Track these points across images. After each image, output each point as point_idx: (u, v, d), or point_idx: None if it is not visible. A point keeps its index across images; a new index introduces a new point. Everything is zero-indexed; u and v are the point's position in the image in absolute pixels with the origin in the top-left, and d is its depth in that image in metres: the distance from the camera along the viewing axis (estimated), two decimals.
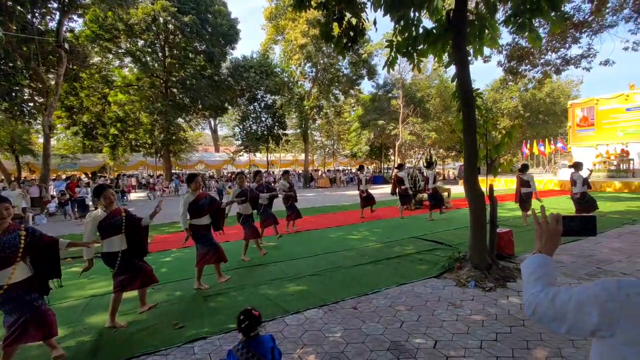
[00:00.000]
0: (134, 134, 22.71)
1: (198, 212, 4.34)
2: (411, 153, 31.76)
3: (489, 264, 4.51)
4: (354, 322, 3.36)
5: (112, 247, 3.48)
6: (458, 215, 9.47)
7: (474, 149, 4.65)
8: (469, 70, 4.76)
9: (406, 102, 23.53)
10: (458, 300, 3.79)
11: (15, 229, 2.71)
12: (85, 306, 4.00)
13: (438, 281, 4.42)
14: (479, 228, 4.58)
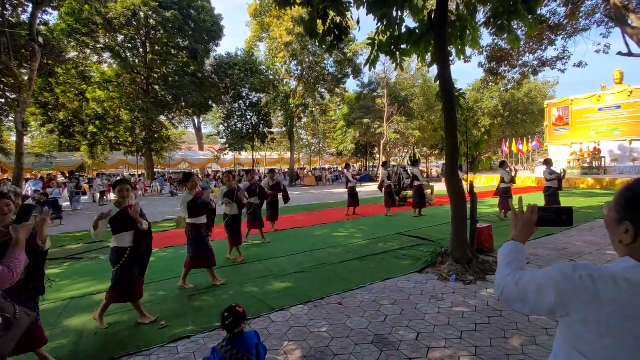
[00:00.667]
0: (114, 131, 22.06)
1: (197, 211, 4.33)
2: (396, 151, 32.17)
3: (470, 258, 4.65)
4: (339, 317, 3.40)
5: (122, 243, 3.45)
6: (440, 212, 9.68)
7: (455, 147, 4.79)
8: (450, 71, 4.89)
9: (391, 101, 23.80)
10: (440, 294, 3.89)
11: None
12: (63, 309, 3.89)
13: (421, 276, 4.52)
14: (460, 224, 4.72)
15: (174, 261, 5.49)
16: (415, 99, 25.35)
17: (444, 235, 6.50)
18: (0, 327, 1.46)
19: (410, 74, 28.16)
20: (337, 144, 29.29)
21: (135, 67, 20.89)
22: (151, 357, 2.84)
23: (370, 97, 26.94)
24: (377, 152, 32.53)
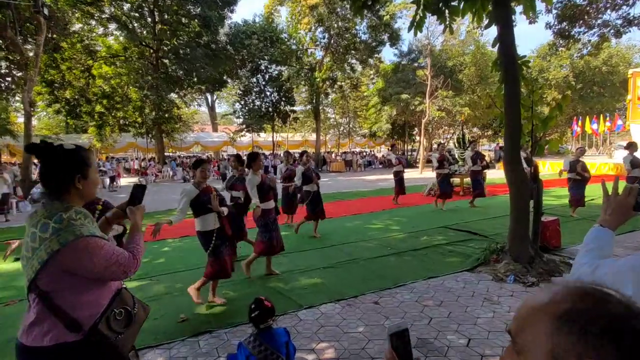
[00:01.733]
0: (122, 111, 23.07)
1: (265, 195, 4.49)
2: (439, 132, 31.34)
3: (532, 256, 4.52)
4: (375, 318, 3.45)
5: (207, 225, 3.74)
6: (495, 203, 9.45)
7: (517, 125, 4.61)
8: (514, 32, 4.65)
9: (435, 73, 23.03)
10: (495, 296, 3.83)
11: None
12: None
13: (472, 275, 4.47)
14: (521, 216, 4.58)
15: (190, 252, 5.75)
16: (464, 70, 24.39)
17: (499, 229, 6.37)
18: (121, 322, 1.51)
19: (460, 38, 27.04)
20: (369, 123, 28.96)
21: (143, 39, 21.55)
22: (171, 351, 3.03)
23: (410, 69, 26.23)
24: (416, 134, 31.87)
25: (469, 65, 24.37)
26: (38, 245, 1.36)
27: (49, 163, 1.48)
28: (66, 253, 1.35)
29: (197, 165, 3.78)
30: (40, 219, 1.40)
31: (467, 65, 24.54)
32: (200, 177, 3.75)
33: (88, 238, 1.40)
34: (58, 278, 1.38)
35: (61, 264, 1.36)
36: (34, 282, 1.38)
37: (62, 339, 1.36)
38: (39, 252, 1.36)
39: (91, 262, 1.38)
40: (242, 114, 26.31)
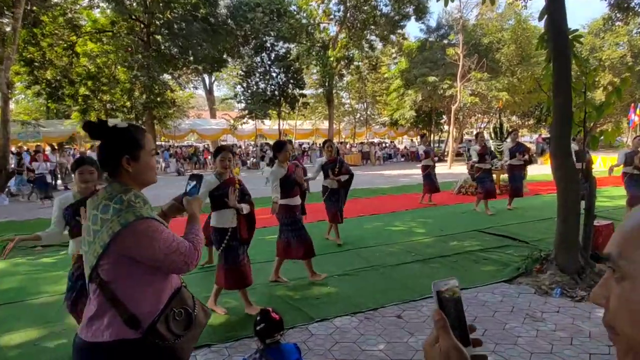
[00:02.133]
0: (109, 94, 23.35)
1: (290, 189, 4.53)
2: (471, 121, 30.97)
3: (582, 266, 4.46)
4: (398, 334, 3.45)
5: (223, 222, 3.80)
6: (538, 204, 9.34)
7: (567, 112, 4.52)
8: (565, 4, 4.55)
9: (468, 51, 22.70)
10: (538, 312, 3.80)
11: None
12: (62, 304, 4.26)
13: (510, 287, 4.44)
14: (570, 219, 4.51)
15: None
16: (503, 48, 23.98)
17: (543, 234, 6.29)
18: (180, 323, 1.55)
19: (497, 11, 26.55)
20: (390, 110, 28.77)
21: (132, 11, 21.72)
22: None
23: (438, 47, 25.93)
24: (445, 122, 31.56)
25: (508, 43, 23.94)
26: (100, 227, 1.44)
27: (102, 143, 1.57)
28: (126, 234, 1.42)
29: (217, 153, 3.84)
30: (101, 200, 1.49)
31: (505, 43, 24.11)
32: (221, 167, 3.79)
33: (148, 220, 1.47)
34: (118, 264, 1.45)
35: (121, 247, 1.43)
36: (95, 270, 1.45)
37: (122, 335, 1.43)
38: (100, 234, 1.43)
39: (151, 246, 1.45)
40: (244, 98, 26.40)
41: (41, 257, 6.11)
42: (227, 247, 3.80)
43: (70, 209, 3.12)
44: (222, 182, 3.77)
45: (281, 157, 4.54)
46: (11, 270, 5.52)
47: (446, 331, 0.68)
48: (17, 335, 3.59)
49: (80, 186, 3.21)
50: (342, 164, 6.15)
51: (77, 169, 3.16)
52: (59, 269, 5.48)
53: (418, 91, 24.30)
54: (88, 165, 3.13)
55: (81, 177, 3.14)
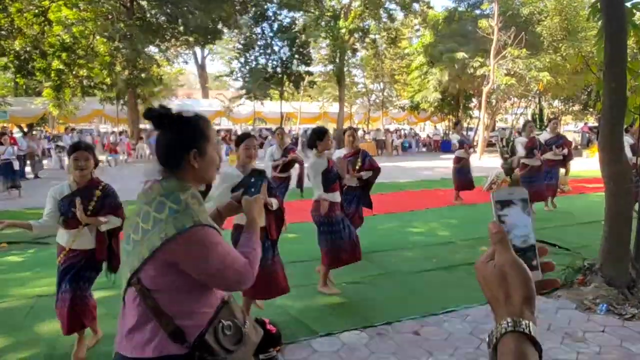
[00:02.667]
0: (86, 68, 23.43)
1: (332, 184, 4.50)
2: (506, 105, 30.66)
3: (633, 279, 4.44)
4: (415, 353, 3.45)
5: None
6: (582, 204, 9.29)
7: (620, 97, 4.43)
8: None
9: (504, 24, 22.40)
10: (579, 331, 3.78)
11: None
12: (29, 309, 4.34)
13: (547, 301, 4.40)
14: (620, 224, 4.46)
15: None
16: (545, 20, 23.62)
17: (587, 240, 6.23)
18: (230, 338, 1.56)
19: None
20: (411, 92, 28.61)
21: None
22: None
23: (469, 18, 25.62)
24: (475, 107, 31.31)
25: (551, 14, 23.54)
26: (151, 227, 1.43)
27: (164, 133, 1.58)
28: (180, 241, 1.41)
29: (241, 141, 3.77)
30: (156, 196, 1.49)
31: (548, 14, 23.72)
32: (245, 157, 3.71)
33: (206, 228, 1.46)
34: (163, 272, 1.45)
35: (170, 254, 1.42)
36: (136, 274, 1.45)
37: (166, 351, 1.43)
38: (150, 235, 1.43)
39: (205, 259, 1.44)
40: (242, 75, 26.37)
41: (7, 254, 6.17)
42: None
43: (67, 200, 3.24)
44: (247, 174, 3.69)
45: (322, 146, 4.50)
46: None
47: (505, 245, 0.67)
48: None
49: (75, 174, 3.30)
50: (366, 158, 5.88)
51: (72, 154, 3.27)
52: (27, 269, 5.54)
53: (444, 70, 24.07)
54: (84, 151, 3.26)
55: (76, 164, 3.25)
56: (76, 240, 3.31)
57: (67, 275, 3.31)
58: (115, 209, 3.39)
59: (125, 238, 1.54)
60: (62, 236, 3.35)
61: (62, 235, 3.35)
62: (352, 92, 34.14)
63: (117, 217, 3.38)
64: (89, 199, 3.29)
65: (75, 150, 3.27)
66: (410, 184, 13.05)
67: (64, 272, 3.32)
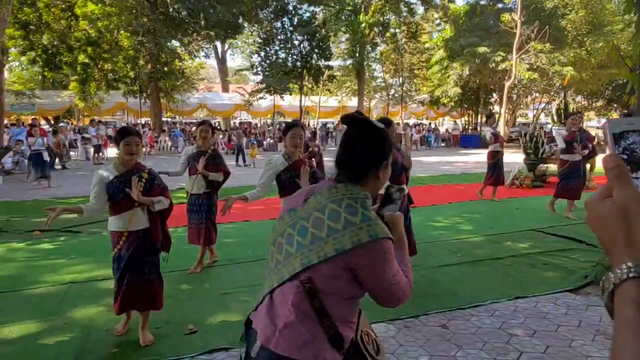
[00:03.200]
0: (111, 62, 23.79)
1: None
2: (527, 100, 30.15)
3: None
4: (443, 347, 3.43)
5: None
6: None
7: None
8: None
9: (527, 17, 21.95)
10: (611, 328, 3.67)
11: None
12: (63, 295, 4.43)
13: (576, 298, 4.35)
14: None
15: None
16: (570, 14, 23.08)
17: None
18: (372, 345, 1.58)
19: None
20: (431, 86, 28.30)
21: None
22: None
23: (491, 12, 25.19)
24: (495, 102, 30.85)
25: (576, 8, 23.01)
26: (341, 227, 1.42)
27: (360, 140, 1.58)
28: (370, 249, 1.41)
29: (288, 129, 3.86)
30: (343, 198, 1.48)
31: (573, 8, 23.17)
32: (291, 146, 3.79)
33: (390, 242, 1.47)
34: (338, 276, 1.44)
35: (354, 260, 1.42)
36: (307, 271, 1.43)
37: (322, 356, 1.40)
38: (340, 236, 1.41)
39: (384, 271, 1.45)
40: (262, 69, 26.39)
41: (40, 242, 6.31)
42: None
43: (117, 182, 3.29)
44: (292, 163, 3.78)
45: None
46: (7, 256, 5.72)
47: (625, 180, 0.60)
48: (15, 328, 3.72)
49: (124, 158, 3.36)
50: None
51: (122, 140, 3.31)
52: (60, 256, 5.66)
53: (465, 64, 23.72)
54: (134, 136, 3.33)
55: (127, 149, 3.30)
56: (132, 222, 3.36)
57: (131, 262, 3.38)
58: (163, 190, 3.47)
59: (297, 229, 1.50)
60: (115, 223, 3.39)
61: (115, 222, 3.39)
62: (371, 86, 33.96)
63: (167, 198, 3.46)
64: (138, 181, 3.34)
65: (126, 136, 3.32)
66: (431, 179, 12.93)
67: (129, 259, 3.37)
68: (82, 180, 12.66)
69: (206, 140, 5.00)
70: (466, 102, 29.47)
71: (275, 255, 1.53)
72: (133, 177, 3.29)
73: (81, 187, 11.49)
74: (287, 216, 1.56)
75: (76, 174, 14.20)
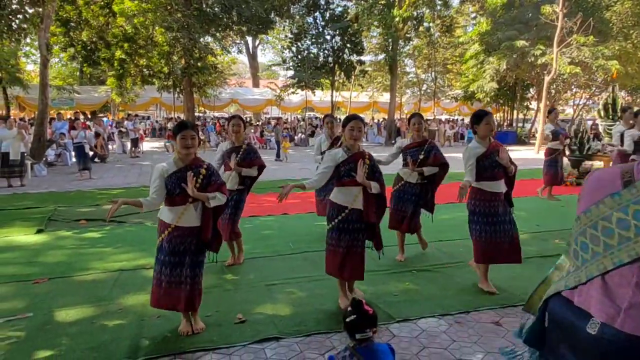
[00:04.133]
0: (146, 58, 24.29)
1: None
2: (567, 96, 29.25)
3: None
4: (497, 343, 3.36)
5: (343, 200, 3.85)
6: None
7: None
8: None
9: (570, 9, 21.21)
10: None
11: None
12: (114, 282, 4.56)
13: None
14: None
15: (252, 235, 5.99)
16: (615, 5, 22.25)
17: None
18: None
19: None
20: (465, 81, 27.76)
21: None
22: (232, 357, 3.18)
23: (531, 4, 24.46)
24: (532, 97, 30.05)
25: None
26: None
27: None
28: None
29: (347, 122, 3.87)
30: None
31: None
32: (350, 139, 3.81)
33: None
34: None
35: None
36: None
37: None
38: None
39: None
40: (293, 64, 26.45)
41: (87, 231, 6.51)
42: (339, 227, 3.79)
43: (175, 177, 3.33)
44: (351, 155, 3.79)
45: (481, 130, 4.24)
46: (57, 244, 5.93)
47: None
48: (72, 312, 3.85)
49: (181, 152, 3.38)
50: (432, 151, 5.09)
51: (179, 134, 3.33)
52: (107, 245, 5.84)
53: (502, 58, 23.14)
54: (190, 130, 3.33)
55: (183, 142, 3.31)
56: (182, 217, 3.37)
57: (180, 257, 3.37)
58: (220, 186, 3.47)
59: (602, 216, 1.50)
60: (166, 213, 3.41)
61: (166, 213, 3.41)
62: (402, 82, 33.57)
63: (223, 195, 3.46)
64: (195, 177, 3.35)
65: (182, 129, 3.32)
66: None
67: (172, 253, 3.37)
68: (120, 173, 13.05)
69: (239, 135, 4.97)
70: (502, 97, 28.80)
71: (602, 239, 1.50)
72: (189, 173, 3.30)
73: (120, 178, 11.87)
74: (610, 200, 1.52)
75: (115, 167, 14.61)
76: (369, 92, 33.55)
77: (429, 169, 5.09)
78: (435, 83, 32.10)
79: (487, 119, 4.23)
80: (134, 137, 17.92)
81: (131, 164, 15.51)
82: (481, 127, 4.24)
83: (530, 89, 29.26)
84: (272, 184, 10.10)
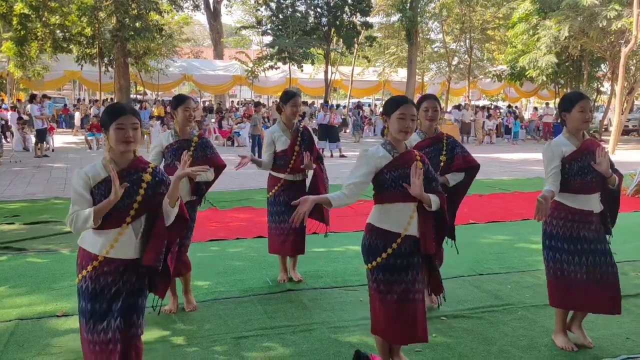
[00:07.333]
0: (60, 14, 24.12)
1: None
2: None
3: None
4: None
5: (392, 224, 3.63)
6: None
7: None
8: None
9: None
10: None
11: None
12: (9, 336, 4.45)
13: None
14: None
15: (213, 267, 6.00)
16: None
17: None
18: None
19: None
20: (512, 53, 28.12)
21: None
22: None
23: None
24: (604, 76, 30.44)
25: None
26: None
27: None
28: None
29: (395, 107, 3.54)
30: None
31: None
32: (398, 131, 3.48)
33: None
34: None
35: None
36: None
37: None
38: None
39: None
40: (272, 27, 26.58)
41: None
42: (389, 265, 3.52)
43: (105, 187, 3.23)
44: (399, 156, 3.53)
45: (573, 121, 4.20)
46: None
47: None
48: None
49: (116, 149, 3.34)
50: (455, 149, 4.97)
51: (113, 122, 3.30)
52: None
53: (563, 22, 23.57)
54: (131, 116, 3.32)
55: (121, 135, 3.27)
56: (115, 245, 3.22)
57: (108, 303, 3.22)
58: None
59: None
60: (91, 239, 3.26)
61: (91, 239, 3.25)
62: (424, 54, 33.85)
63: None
64: (138, 184, 3.25)
65: (119, 115, 3.31)
66: (517, 183, 12.94)
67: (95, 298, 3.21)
68: (20, 179, 12.86)
69: (187, 123, 4.89)
70: (563, 76, 29.17)
71: None
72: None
73: (19, 187, 11.68)
74: None
75: (11, 170, 14.39)
76: (378, 68, 33.80)
77: (453, 176, 4.92)
78: (470, 55, 32.42)
79: (582, 104, 4.13)
80: (40, 128, 17.74)
81: (36, 166, 15.37)
82: (573, 115, 4.17)
83: (601, 65, 29.63)
84: (241, 195, 10.06)
